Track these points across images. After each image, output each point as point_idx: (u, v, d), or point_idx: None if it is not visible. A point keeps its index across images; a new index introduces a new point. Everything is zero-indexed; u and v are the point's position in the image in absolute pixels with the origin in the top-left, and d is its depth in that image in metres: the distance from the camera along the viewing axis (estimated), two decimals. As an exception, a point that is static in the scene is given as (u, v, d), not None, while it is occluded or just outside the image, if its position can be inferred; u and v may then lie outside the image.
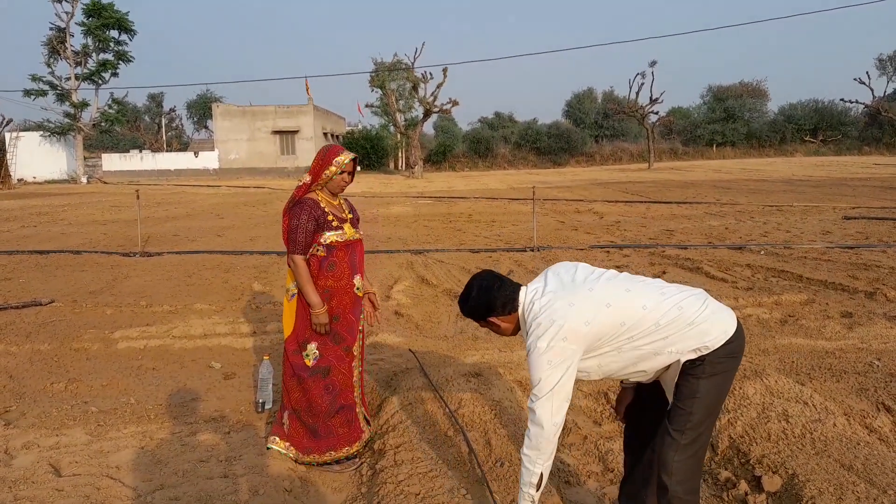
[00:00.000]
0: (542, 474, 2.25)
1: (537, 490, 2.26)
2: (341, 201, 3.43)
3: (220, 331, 5.59)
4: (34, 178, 37.29)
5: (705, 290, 2.38)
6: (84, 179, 36.64)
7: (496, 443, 3.13)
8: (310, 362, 3.26)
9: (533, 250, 9.37)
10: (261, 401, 3.90)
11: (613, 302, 2.22)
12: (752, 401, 3.36)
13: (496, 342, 5.08)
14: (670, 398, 2.31)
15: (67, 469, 3.14)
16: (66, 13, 36.03)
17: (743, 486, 2.84)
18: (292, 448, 3.31)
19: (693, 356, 2.21)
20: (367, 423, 3.52)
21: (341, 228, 3.28)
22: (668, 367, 2.27)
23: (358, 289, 3.35)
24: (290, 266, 3.24)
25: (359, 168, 3.46)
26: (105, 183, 35.76)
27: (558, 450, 3.35)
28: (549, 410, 2.18)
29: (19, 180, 35.76)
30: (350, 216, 3.41)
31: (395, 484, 2.81)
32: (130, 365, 4.79)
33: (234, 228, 13.28)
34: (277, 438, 3.35)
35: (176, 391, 4.25)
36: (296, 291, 3.26)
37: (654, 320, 2.20)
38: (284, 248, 3.26)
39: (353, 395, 3.37)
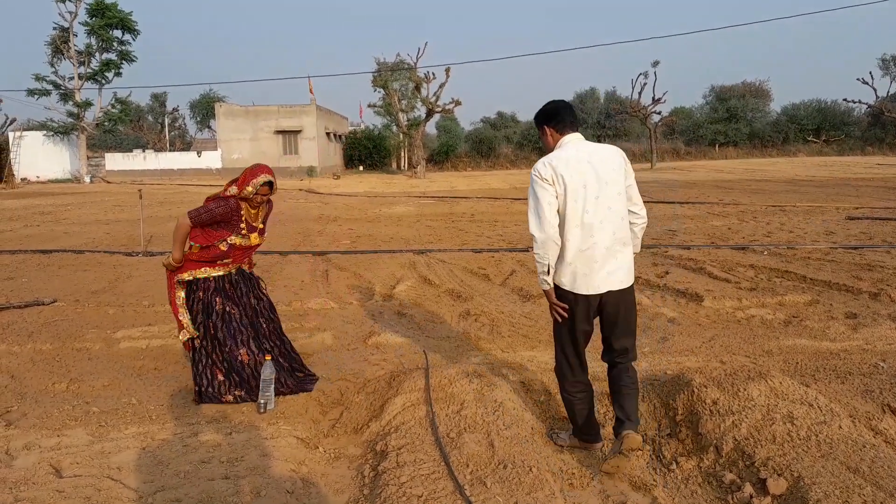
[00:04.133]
0: (549, 264, 3.00)
1: (548, 273, 3.02)
2: (260, 211, 4.10)
3: (222, 331, 5.57)
4: (37, 177, 37.41)
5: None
6: (87, 179, 36.73)
7: (499, 444, 3.11)
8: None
9: (535, 250, 9.33)
10: (262, 402, 3.88)
11: (579, 211, 2.98)
12: (756, 402, 3.33)
13: (498, 343, 5.06)
14: None
15: (68, 470, 3.13)
16: (70, 13, 36.16)
17: (748, 488, 2.81)
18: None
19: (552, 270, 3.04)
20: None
21: (248, 237, 4.03)
22: None
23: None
24: (178, 221, 3.93)
25: (274, 189, 4.02)
26: (108, 182, 35.86)
27: (560, 452, 3.35)
28: (533, 225, 2.99)
29: (23, 180, 35.88)
30: (261, 226, 4.14)
31: (397, 486, 2.79)
32: (132, 365, 4.78)
33: (237, 228, 13.26)
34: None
35: (178, 391, 4.23)
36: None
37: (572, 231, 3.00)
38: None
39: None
